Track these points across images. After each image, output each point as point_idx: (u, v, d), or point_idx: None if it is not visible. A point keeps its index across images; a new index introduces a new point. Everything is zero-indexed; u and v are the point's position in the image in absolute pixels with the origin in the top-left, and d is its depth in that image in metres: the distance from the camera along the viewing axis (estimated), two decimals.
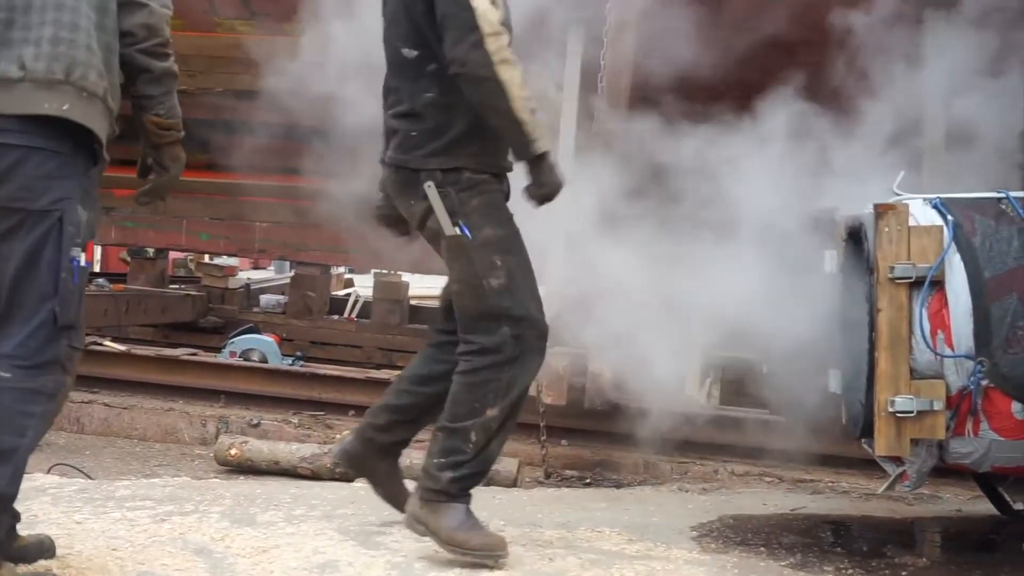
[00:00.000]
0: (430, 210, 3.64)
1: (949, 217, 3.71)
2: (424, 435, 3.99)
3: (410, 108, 3.69)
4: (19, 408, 3.01)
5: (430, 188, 3.61)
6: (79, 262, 3.06)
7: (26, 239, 3.02)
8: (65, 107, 2.99)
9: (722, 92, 5.42)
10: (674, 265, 5.08)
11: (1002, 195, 3.78)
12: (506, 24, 3.56)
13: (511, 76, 3.48)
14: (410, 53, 3.67)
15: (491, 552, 3.63)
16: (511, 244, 3.68)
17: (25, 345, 3.02)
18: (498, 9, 3.53)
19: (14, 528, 3.27)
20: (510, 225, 3.71)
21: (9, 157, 2.98)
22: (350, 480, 5.46)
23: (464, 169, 3.64)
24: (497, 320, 3.62)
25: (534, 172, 3.62)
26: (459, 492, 3.67)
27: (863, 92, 4.72)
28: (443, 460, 3.66)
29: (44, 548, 3.38)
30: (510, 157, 3.72)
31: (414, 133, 3.67)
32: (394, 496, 4.07)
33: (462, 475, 3.65)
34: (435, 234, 3.69)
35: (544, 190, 3.65)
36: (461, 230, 3.61)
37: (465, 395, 3.66)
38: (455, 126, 3.63)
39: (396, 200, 3.84)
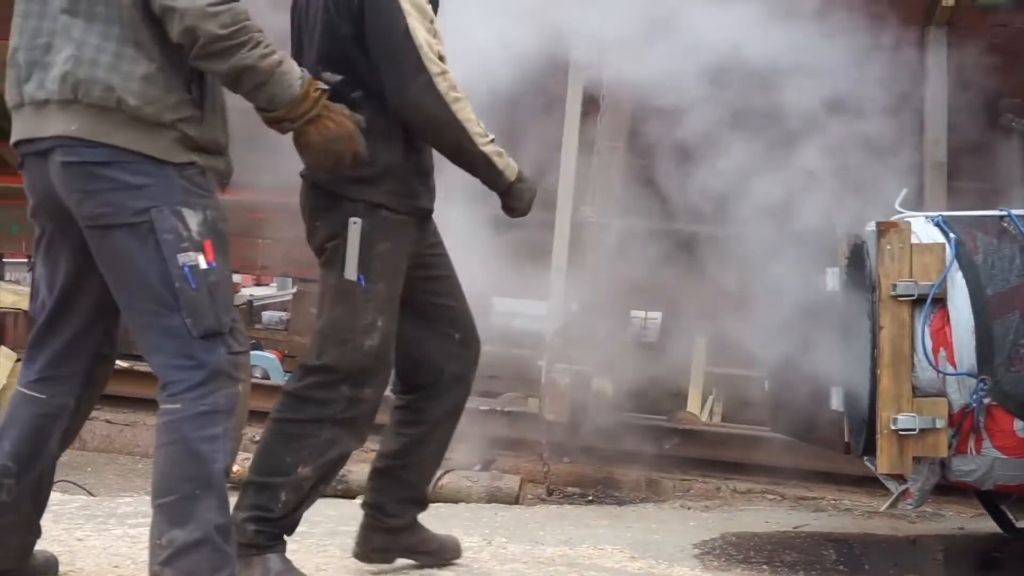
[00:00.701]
0: (335, 240, 3.40)
1: (951, 235, 3.72)
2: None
3: None
4: (201, 435, 2.86)
5: (355, 225, 3.37)
6: (192, 266, 2.88)
7: (125, 257, 2.91)
8: (73, 127, 2.90)
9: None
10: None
11: (1004, 213, 3.79)
12: (442, 54, 3.40)
13: (467, 113, 3.35)
14: (332, 77, 3.34)
15: None
16: (393, 306, 3.46)
17: (180, 372, 2.89)
18: (437, 39, 3.38)
19: (33, 546, 3.26)
20: (399, 281, 3.48)
21: (76, 176, 2.91)
22: (352, 497, 5.46)
23: (384, 207, 3.41)
24: (345, 378, 3.39)
25: (507, 199, 3.51)
26: (267, 542, 3.34)
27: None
28: (249, 515, 3.32)
29: (50, 566, 3.37)
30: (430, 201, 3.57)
31: None
32: (439, 552, 3.80)
33: (268, 529, 3.34)
34: (328, 262, 3.44)
35: (518, 212, 3.54)
36: (358, 279, 3.38)
37: (278, 447, 3.39)
38: (380, 158, 3.37)
39: (303, 214, 3.54)
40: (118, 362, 3.83)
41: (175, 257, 2.87)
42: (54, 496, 4.52)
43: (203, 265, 2.89)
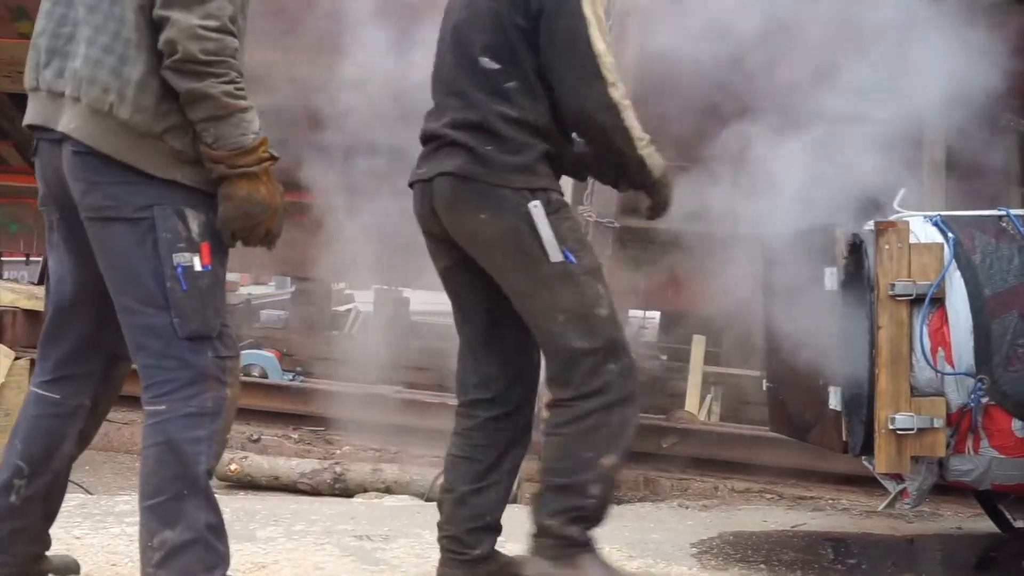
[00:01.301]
0: (516, 231, 3.35)
1: (950, 234, 3.72)
2: None
3: (480, 121, 3.42)
4: (186, 436, 2.87)
5: (536, 208, 3.33)
6: (185, 267, 2.89)
7: (122, 251, 2.92)
8: (73, 125, 2.93)
9: None
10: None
11: (1002, 212, 3.79)
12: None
13: (632, 120, 3.41)
14: (490, 64, 3.43)
15: None
16: (603, 275, 3.47)
17: (166, 373, 2.90)
18: (609, 48, 3.42)
19: (43, 556, 3.25)
20: (594, 253, 3.50)
21: (86, 166, 2.91)
22: (350, 496, 5.47)
23: (550, 190, 3.41)
24: (605, 356, 3.34)
25: (651, 195, 3.55)
26: (589, 538, 3.38)
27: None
28: (565, 517, 3.35)
29: (69, 569, 3.36)
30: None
31: (490, 148, 3.39)
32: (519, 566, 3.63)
33: (589, 525, 3.36)
34: (517, 254, 3.37)
35: (658, 209, 3.58)
36: (566, 257, 3.34)
37: (575, 447, 3.34)
38: (536, 146, 3.40)
39: (451, 211, 3.46)
40: None
41: (170, 256, 2.88)
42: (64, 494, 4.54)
43: (197, 267, 2.90)
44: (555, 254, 3.33)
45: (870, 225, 3.78)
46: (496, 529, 3.57)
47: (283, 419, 6.81)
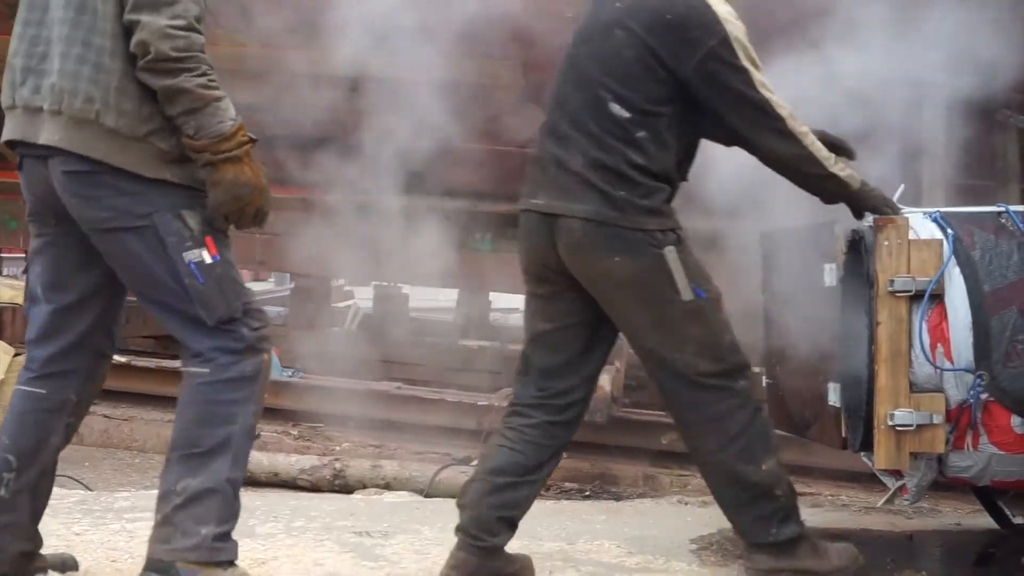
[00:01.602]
0: (649, 272, 3.54)
1: (949, 231, 3.72)
2: None
3: (612, 166, 3.52)
4: (222, 398, 3.14)
5: (670, 253, 3.52)
6: (197, 263, 3.11)
7: (134, 258, 3.13)
8: (56, 137, 3.06)
9: None
10: None
11: (1001, 209, 3.79)
12: None
13: (813, 144, 3.57)
14: (622, 113, 3.53)
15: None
16: (721, 298, 3.68)
17: (208, 341, 3.16)
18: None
19: (34, 554, 3.28)
20: (711, 278, 3.69)
21: (79, 181, 3.09)
22: (349, 492, 5.47)
23: (676, 229, 3.60)
24: (732, 376, 3.62)
25: (854, 204, 3.72)
26: (798, 526, 3.71)
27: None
28: (769, 519, 3.65)
29: (67, 566, 3.40)
30: None
31: (622, 193, 3.52)
32: (521, 572, 3.79)
33: (791, 515, 3.70)
34: (647, 292, 3.57)
35: (866, 211, 3.74)
36: (696, 294, 3.56)
37: (739, 468, 3.62)
38: (663, 190, 3.57)
39: (580, 254, 3.59)
40: (116, 357, 3.85)
41: (180, 256, 3.09)
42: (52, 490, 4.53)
43: (208, 260, 3.11)
44: (687, 293, 3.54)
45: (869, 221, 3.78)
46: (514, 527, 3.69)
47: (282, 415, 6.81)
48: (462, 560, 3.59)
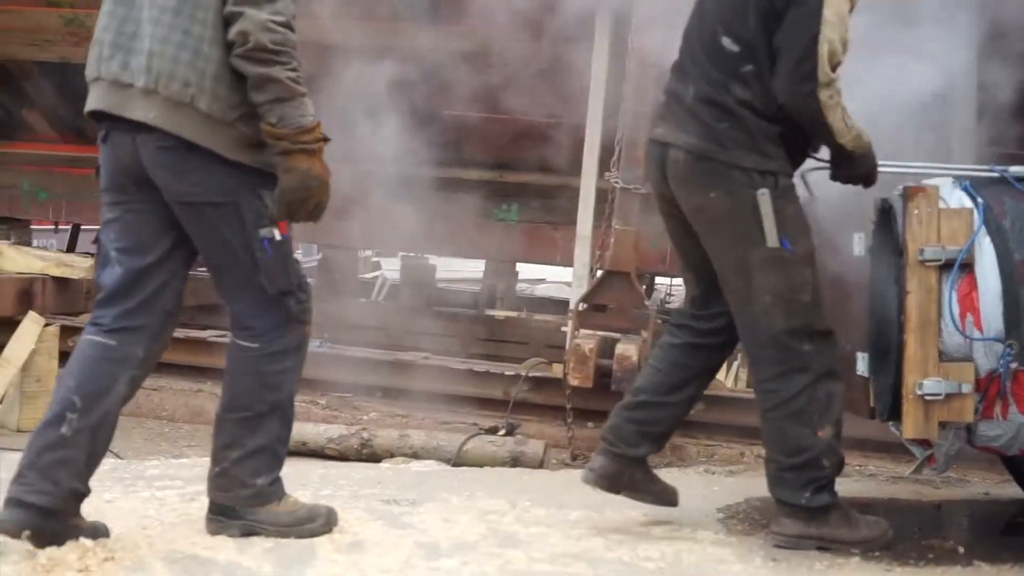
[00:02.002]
0: (741, 212, 3.64)
1: (979, 199, 3.69)
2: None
3: (718, 99, 3.66)
4: (275, 368, 3.55)
5: (763, 196, 3.62)
6: (269, 239, 3.43)
7: (213, 229, 3.45)
8: (151, 115, 3.33)
9: None
10: None
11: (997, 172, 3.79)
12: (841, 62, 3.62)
13: (836, 117, 3.61)
14: (731, 46, 3.67)
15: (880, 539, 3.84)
16: (815, 258, 3.77)
17: (258, 318, 3.52)
18: (844, 48, 3.60)
19: (82, 496, 3.46)
20: (811, 237, 3.78)
21: (170, 157, 3.37)
22: (377, 461, 5.50)
23: (779, 174, 3.68)
24: (802, 337, 3.69)
25: (845, 163, 3.77)
26: (832, 491, 3.80)
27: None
28: (814, 487, 3.75)
29: (99, 532, 3.48)
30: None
31: (724, 125, 3.64)
32: (661, 494, 4.05)
33: (830, 486, 3.79)
34: (735, 233, 3.69)
35: (850, 180, 3.81)
36: (783, 244, 3.65)
37: (791, 428, 3.72)
38: (769, 129, 3.66)
39: (683, 186, 3.75)
40: None
41: (256, 231, 3.42)
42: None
43: (278, 237, 3.45)
44: (772, 240, 3.63)
45: (899, 190, 3.76)
46: (658, 441, 4.00)
47: (310, 385, 6.80)
48: (599, 463, 3.95)
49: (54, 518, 3.32)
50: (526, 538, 3.79)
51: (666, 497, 4.03)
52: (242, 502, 3.57)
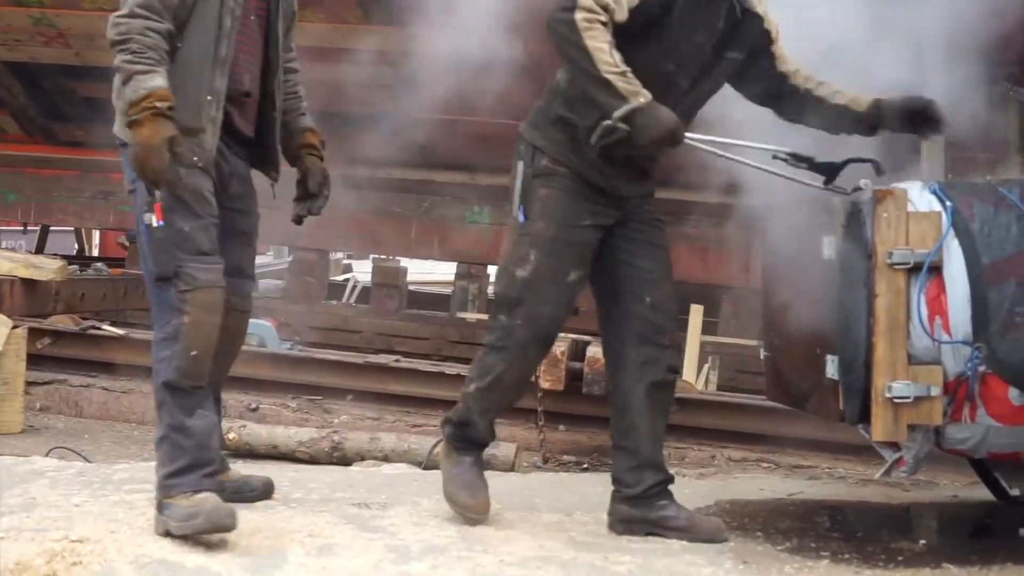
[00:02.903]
0: (510, 177, 3.95)
1: (948, 202, 3.71)
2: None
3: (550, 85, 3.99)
4: (158, 356, 3.67)
5: (519, 165, 3.90)
6: (147, 225, 3.62)
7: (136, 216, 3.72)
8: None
9: None
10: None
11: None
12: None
13: (597, 43, 3.59)
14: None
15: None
16: (555, 247, 3.85)
17: (154, 305, 3.73)
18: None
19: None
20: (567, 230, 3.85)
21: (121, 152, 3.73)
22: (348, 464, 5.49)
23: (544, 153, 3.88)
24: (500, 305, 3.90)
25: (632, 125, 3.60)
26: (455, 443, 4.07)
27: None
28: (446, 418, 4.12)
29: (267, 489, 4.13)
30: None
31: (537, 103, 4.01)
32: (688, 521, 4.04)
33: (451, 431, 4.07)
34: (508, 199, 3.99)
35: (640, 142, 3.64)
36: (520, 214, 3.88)
37: (472, 365, 4.05)
38: (553, 110, 3.91)
39: None
40: (114, 330, 3.93)
41: (143, 217, 3.64)
42: (51, 462, 4.56)
43: (155, 223, 3.61)
44: (514, 208, 3.90)
45: (868, 193, 3.77)
46: (655, 468, 4.01)
47: (281, 388, 6.81)
48: (611, 509, 4.09)
49: None
50: (496, 541, 3.78)
51: (697, 532, 4.00)
52: (158, 497, 3.64)
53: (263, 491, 4.12)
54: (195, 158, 3.66)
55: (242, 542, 3.59)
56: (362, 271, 12.03)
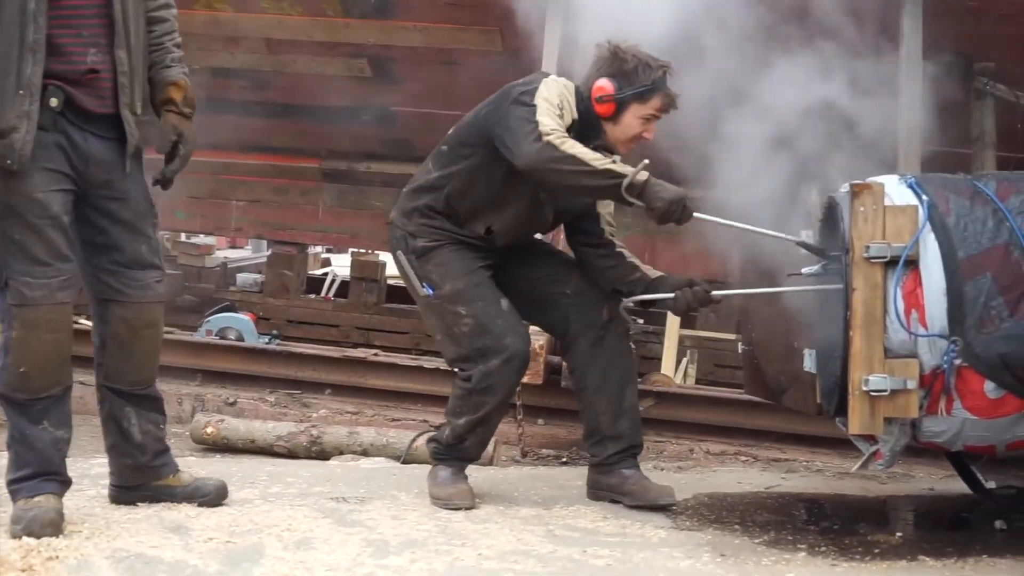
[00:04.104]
0: (400, 268, 4.34)
1: (924, 197, 3.72)
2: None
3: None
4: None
5: (400, 255, 4.32)
6: None
7: None
8: None
9: None
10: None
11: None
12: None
13: (580, 150, 3.90)
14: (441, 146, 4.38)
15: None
16: (471, 295, 4.19)
17: None
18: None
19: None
20: (468, 276, 4.21)
21: None
22: (326, 459, 5.47)
23: (416, 237, 4.27)
24: (469, 362, 4.18)
25: (644, 200, 3.89)
26: (438, 457, 4.32)
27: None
28: (431, 436, 4.46)
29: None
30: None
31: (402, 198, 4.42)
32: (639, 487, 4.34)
33: (436, 448, 4.35)
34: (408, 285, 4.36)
35: (657, 213, 3.89)
36: (427, 290, 4.24)
37: (452, 401, 4.29)
38: (419, 203, 4.31)
39: None
40: (89, 323, 3.90)
41: None
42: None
43: None
44: (419, 288, 4.27)
45: (845, 187, 3.78)
46: (614, 439, 4.33)
47: (259, 382, 6.79)
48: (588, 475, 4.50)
49: None
50: (475, 535, 3.78)
51: (645, 496, 4.30)
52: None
53: (216, 495, 3.93)
54: (8, 161, 3.42)
55: (220, 536, 3.58)
56: (341, 265, 11.99)
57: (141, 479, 3.92)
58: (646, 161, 3.89)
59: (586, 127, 4.13)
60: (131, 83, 3.63)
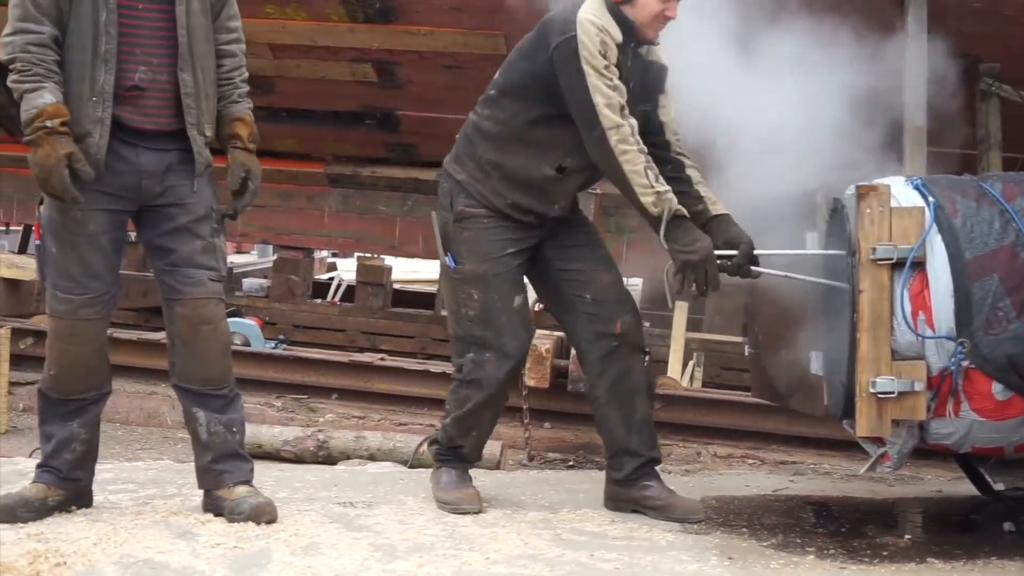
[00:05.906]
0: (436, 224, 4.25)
1: (930, 198, 3.72)
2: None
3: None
4: None
5: (434, 215, 4.22)
6: (37, 243, 3.78)
7: None
8: None
9: None
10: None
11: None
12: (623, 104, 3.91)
13: (633, 165, 3.87)
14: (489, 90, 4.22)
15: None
16: (492, 283, 4.11)
17: None
18: (617, 92, 3.90)
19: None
20: (494, 262, 4.11)
21: None
22: (333, 463, 5.48)
23: (462, 193, 4.14)
24: (463, 346, 4.17)
25: (666, 239, 3.89)
26: (440, 459, 4.33)
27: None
28: (431, 438, 4.48)
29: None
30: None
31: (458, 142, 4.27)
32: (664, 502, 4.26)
33: (437, 451, 4.35)
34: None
35: (681, 256, 3.87)
36: (449, 260, 4.15)
37: (448, 397, 4.31)
38: (483, 155, 4.12)
39: None
40: None
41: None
42: (34, 463, 4.52)
43: (38, 242, 3.75)
44: (441, 254, 4.18)
45: (851, 189, 3.78)
46: (631, 454, 4.24)
47: (265, 387, 6.79)
48: (605, 488, 4.39)
49: None
50: (482, 539, 3.78)
51: (672, 511, 4.22)
52: None
53: (251, 514, 3.77)
54: (83, 165, 3.55)
55: (227, 541, 3.58)
56: (347, 269, 11.99)
57: (205, 483, 3.92)
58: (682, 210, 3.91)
59: (626, 35, 3.99)
60: (197, 105, 3.76)
